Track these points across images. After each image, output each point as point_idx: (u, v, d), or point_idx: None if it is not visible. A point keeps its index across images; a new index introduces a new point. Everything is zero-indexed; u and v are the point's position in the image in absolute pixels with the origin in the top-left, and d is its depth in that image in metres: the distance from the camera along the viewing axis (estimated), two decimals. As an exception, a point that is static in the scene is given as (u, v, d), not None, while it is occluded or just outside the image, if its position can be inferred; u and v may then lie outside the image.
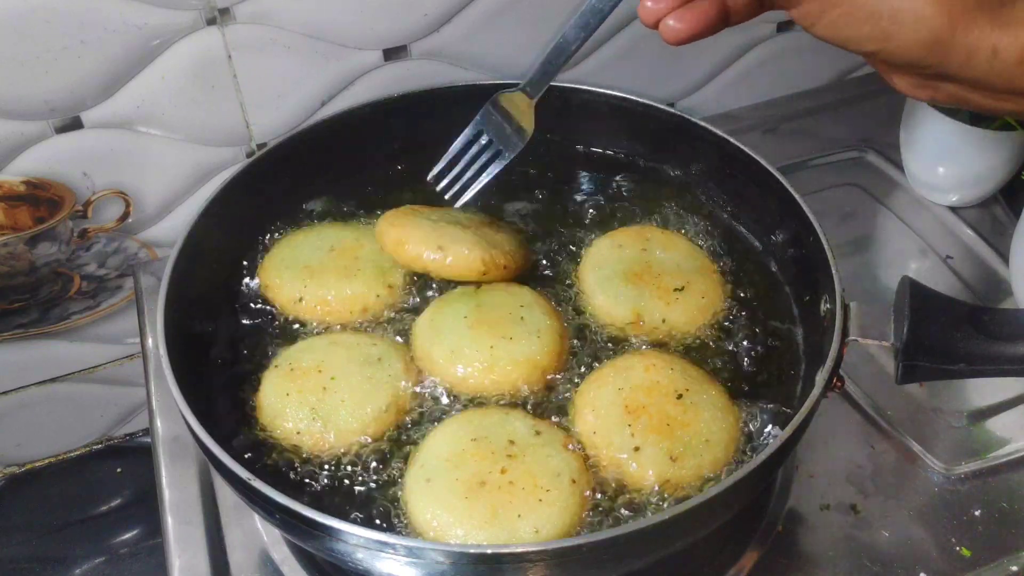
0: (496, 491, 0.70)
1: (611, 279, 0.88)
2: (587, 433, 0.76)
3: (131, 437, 1.31)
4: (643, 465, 0.73)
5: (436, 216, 0.89)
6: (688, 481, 0.73)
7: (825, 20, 0.63)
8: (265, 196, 0.93)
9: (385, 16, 1.05)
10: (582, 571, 0.67)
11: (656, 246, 0.91)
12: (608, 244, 0.92)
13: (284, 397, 0.78)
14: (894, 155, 1.24)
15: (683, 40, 0.66)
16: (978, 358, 0.70)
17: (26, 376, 1.19)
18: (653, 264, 0.89)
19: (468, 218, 0.91)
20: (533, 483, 0.71)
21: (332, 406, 0.77)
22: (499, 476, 0.71)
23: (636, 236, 0.93)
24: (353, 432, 0.76)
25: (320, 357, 0.81)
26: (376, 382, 0.79)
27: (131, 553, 1.23)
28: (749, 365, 0.83)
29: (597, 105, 1.00)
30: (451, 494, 0.71)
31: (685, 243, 0.93)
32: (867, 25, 0.62)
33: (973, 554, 0.84)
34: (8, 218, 1.02)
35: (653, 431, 0.75)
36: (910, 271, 1.13)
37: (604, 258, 0.91)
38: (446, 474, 0.72)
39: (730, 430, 0.77)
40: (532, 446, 0.74)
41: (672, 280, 0.87)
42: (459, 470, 0.72)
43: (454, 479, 0.71)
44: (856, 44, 0.63)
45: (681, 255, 0.91)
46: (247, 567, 0.84)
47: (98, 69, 0.95)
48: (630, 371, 0.79)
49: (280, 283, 0.88)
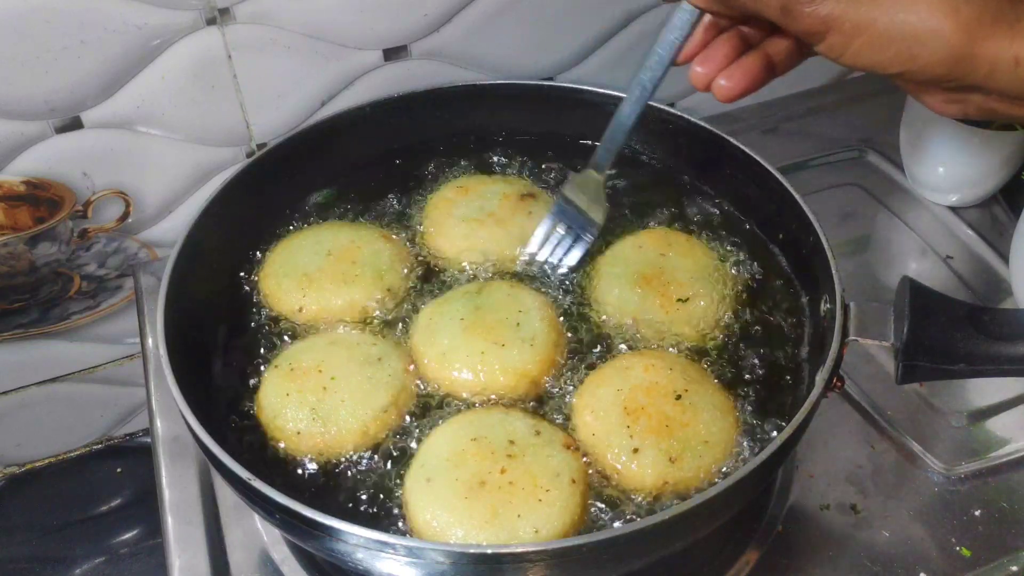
0: (496, 491, 0.70)
1: (620, 278, 0.87)
2: (586, 435, 0.76)
3: (131, 437, 1.31)
4: (642, 466, 0.73)
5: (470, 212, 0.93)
6: (688, 482, 0.73)
7: (851, 50, 0.65)
8: (265, 196, 0.93)
9: (385, 16, 1.05)
10: (582, 571, 0.67)
11: (676, 252, 0.90)
12: (630, 243, 0.92)
13: (284, 397, 0.78)
14: (894, 155, 1.24)
15: (735, 97, 0.72)
16: (978, 358, 0.70)
17: (26, 376, 1.19)
18: (666, 270, 0.88)
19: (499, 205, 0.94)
20: (533, 483, 0.71)
21: (332, 406, 0.77)
22: (499, 476, 0.71)
23: (659, 239, 0.92)
24: (353, 432, 0.76)
25: (320, 357, 0.80)
26: (376, 382, 0.79)
27: (131, 553, 1.23)
28: (748, 365, 0.83)
29: (597, 105, 1.00)
30: (451, 494, 0.70)
31: (706, 253, 0.91)
32: (890, 49, 0.64)
33: (973, 554, 0.84)
34: (8, 218, 1.02)
35: (652, 432, 0.75)
36: (910, 271, 1.13)
37: (621, 257, 0.90)
38: (446, 474, 0.72)
39: (729, 430, 0.77)
40: (532, 446, 0.74)
41: (679, 290, 0.86)
42: (459, 470, 0.72)
43: (454, 479, 0.71)
44: (883, 68, 0.65)
45: (697, 265, 0.89)
46: (247, 567, 0.84)
47: (98, 69, 0.95)
48: (629, 372, 0.79)
49: (279, 293, 0.87)
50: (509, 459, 0.72)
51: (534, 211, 0.94)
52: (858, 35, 0.64)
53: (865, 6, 0.63)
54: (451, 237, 0.93)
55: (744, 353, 0.84)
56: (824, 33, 0.65)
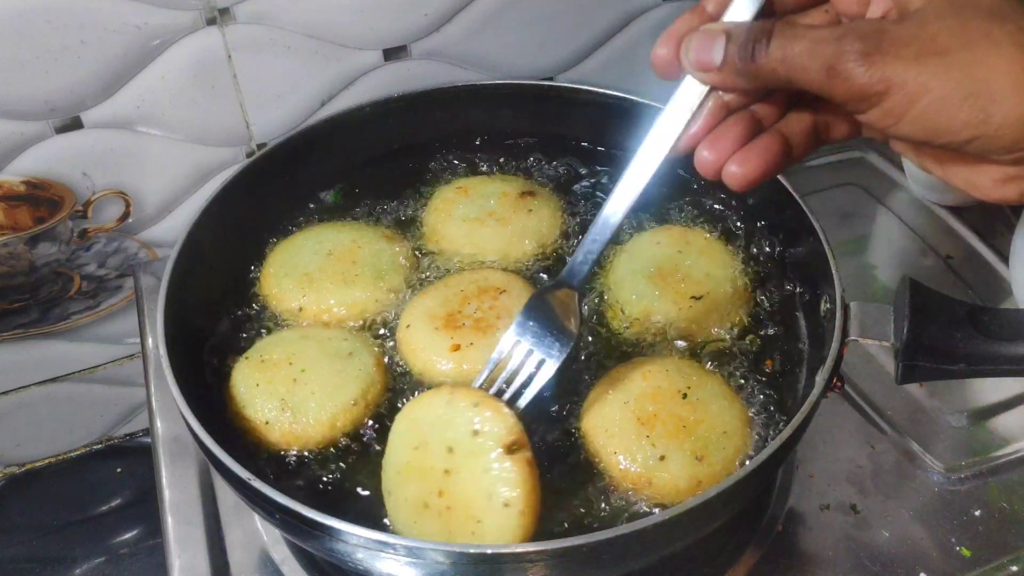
0: (438, 516, 0.68)
1: (635, 274, 0.87)
2: (607, 455, 0.75)
3: (131, 437, 1.31)
4: (673, 472, 0.72)
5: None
6: (718, 476, 0.73)
7: (913, 113, 0.55)
8: (265, 196, 0.93)
9: (385, 16, 1.05)
10: (582, 571, 0.67)
11: (693, 250, 0.89)
12: (648, 240, 0.92)
13: (253, 388, 0.78)
14: (894, 155, 1.23)
15: (751, 184, 0.60)
16: (978, 358, 0.70)
17: (26, 376, 1.19)
18: (682, 268, 0.88)
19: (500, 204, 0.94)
20: (467, 512, 0.66)
21: (302, 398, 0.77)
22: (438, 500, 0.68)
23: (677, 237, 0.91)
24: (322, 424, 0.77)
25: (291, 350, 0.81)
26: (345, 376, 0.79)
27: (131, 553, 1.23)
28: (748, 364, 0.83)
29: (597, 105, 1.00)
30: (404, 515, 0.70)
31: (724, 253, 0.91)
32: (964, 109, 0.54)
33: (973, 554, 0.84)
34: (8, 218, 1.02)
35: (672, 436, 0.74)
36: (910, 271, 1.12)
37: (638, 252, 0.90)
38: (398, 490, 0.70)
39: (741, 415, 0.77)
40: (469, 455, 0.67)
41: (693, 287, 0.86)
42: (407, 487, 0.70)
43: (404, 499, 0.70)
44: (949, 134, 0.55)
45: (714, 264, 0.88)
46: (247, 567, 0.84)
47: (98, 69, 0.95)
48: (629, 382, 0.78)
49: (280, 293, 0.88)
50: (446, 476, 0.68)
51: (534, 208, 0.94)
52: (924, 94, 0.53)
53: (933, 60, 0.53)
54: (452, 237, 0.93)
55: (743, 352, 0.84)
56: (882, 95, 0.54)
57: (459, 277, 0.88)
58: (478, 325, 0.82)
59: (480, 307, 0.83)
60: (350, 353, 0.81)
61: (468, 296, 0.84)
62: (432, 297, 0.85)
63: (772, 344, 0.85)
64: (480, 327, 0.82)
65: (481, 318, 0.83)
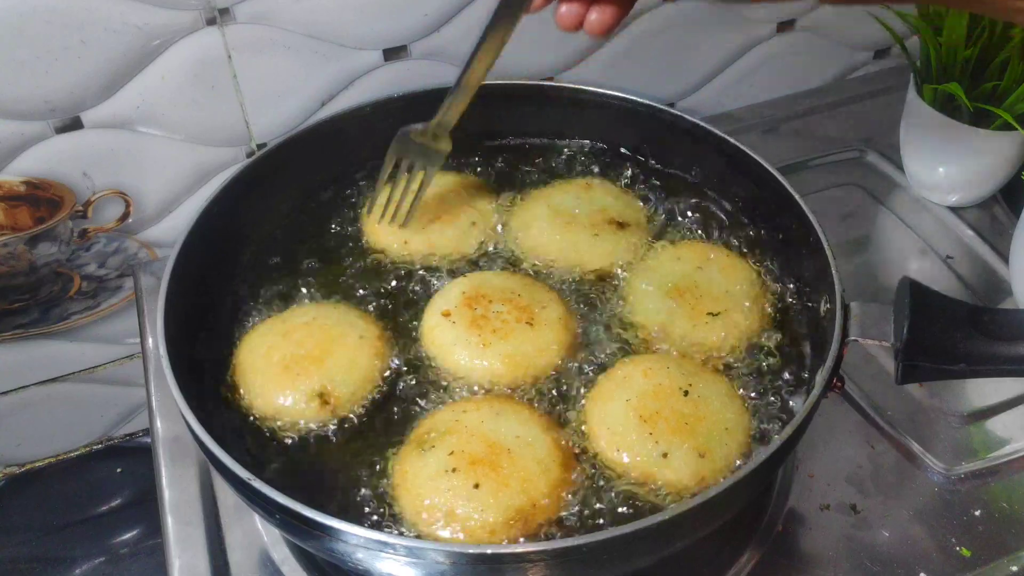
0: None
1: (652, 287, 0.87)
2: (610, 452, 0.75)
3: (131, 437, 1.31)
4: (676, 469, 0.73)
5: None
6: (721, 472, 0.73)
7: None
8: (265, 196, 0.93)
9: (385, 16, 1.05)
10: (582, 571, 0.67)
11: (714, 267, 0.89)
12: (669, 254, 0.91)
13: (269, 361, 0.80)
14: (894, 155, 1.24)
15: (613, 26, 0.68)
16: (978, 358, 0.70)
17: (26, 376, 1.19)
18: (701, 284, 0.87)
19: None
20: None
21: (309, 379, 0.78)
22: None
23: (699, 253, 0.91)
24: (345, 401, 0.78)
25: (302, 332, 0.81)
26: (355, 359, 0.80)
27: (131, 553, 1.24)
28: (748, 364, 0.83)
29: (597, 105, 1.00)
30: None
31: (747, 271, 0.89)
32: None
33: (973, 554, 0.84)
34: (8, 218, 1.02)
35: (674, 433, 0.74)
36: (910, 271, 1.13)
37: (657, 266, 0.89)
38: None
39: (742, 412, 0.77)
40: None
41: (711, 304, 0.85)
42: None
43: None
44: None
45: (733, 282, 0.87)
46: (247, 567, 0.84)
47: (98, 69, 0.95)
48: (630, 380, 0.78)
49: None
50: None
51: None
52: None
53: None
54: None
55: (742, 352, 0.84)
56: None
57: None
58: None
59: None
60: (361, 336, 0.82)
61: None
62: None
63: (772, 344, 0.85)
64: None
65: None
